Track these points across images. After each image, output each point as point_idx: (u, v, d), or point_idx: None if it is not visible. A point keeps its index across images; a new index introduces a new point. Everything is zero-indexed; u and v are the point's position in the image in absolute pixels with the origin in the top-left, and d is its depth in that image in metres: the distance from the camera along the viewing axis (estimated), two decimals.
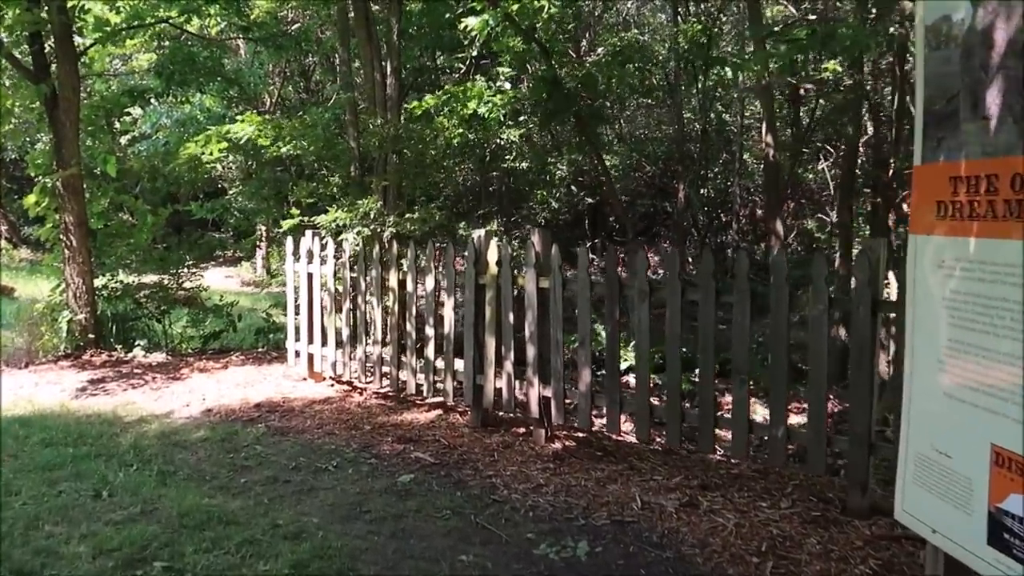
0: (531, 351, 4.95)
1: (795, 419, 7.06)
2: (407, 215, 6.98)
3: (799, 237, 18.66)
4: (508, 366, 5.10)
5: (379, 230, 7.03)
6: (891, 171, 7.11)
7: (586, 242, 16.25)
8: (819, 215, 14.35)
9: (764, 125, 7.96)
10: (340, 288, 6.43)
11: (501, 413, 5.43)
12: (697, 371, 4.45)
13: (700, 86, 14.98)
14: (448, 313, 5.50)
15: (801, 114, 19.05)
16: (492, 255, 5.23)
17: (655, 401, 4.62)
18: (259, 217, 9.85)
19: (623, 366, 8.09)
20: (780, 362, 3.97)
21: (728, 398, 4.81)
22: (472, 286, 5.33)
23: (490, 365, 5.22)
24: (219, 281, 17.01)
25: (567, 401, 4.87)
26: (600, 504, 4.05)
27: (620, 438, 5.10)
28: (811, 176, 16.64)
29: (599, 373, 5.60)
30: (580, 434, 5.17)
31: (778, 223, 7.59)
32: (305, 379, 6.78)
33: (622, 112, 16.22)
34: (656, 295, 4.39)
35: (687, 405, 4.59)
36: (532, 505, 4.06)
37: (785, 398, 3.95)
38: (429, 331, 5.62)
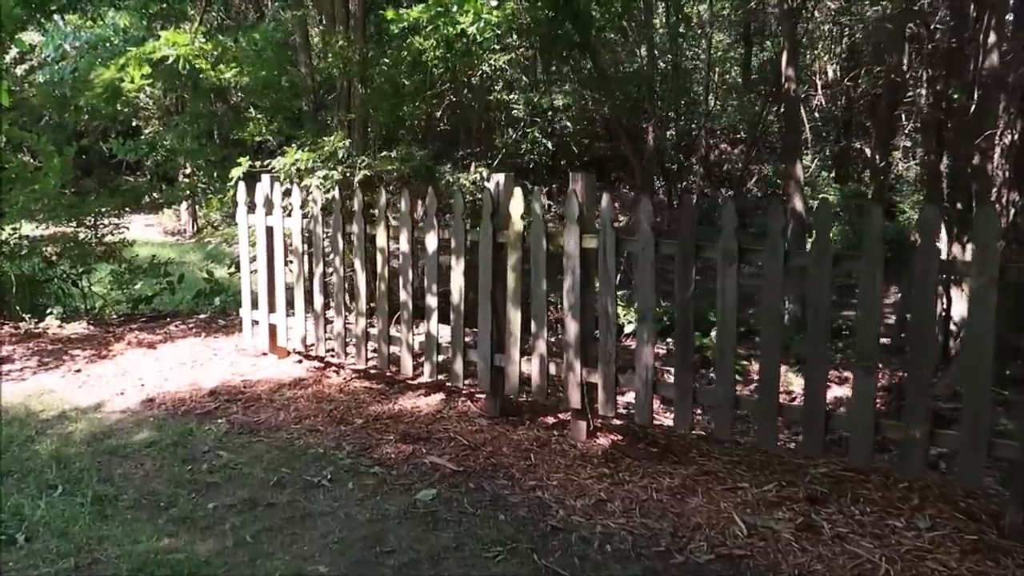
0: (571, 327, 3.97)
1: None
2: (383, 154, 5.79)
3: (759, 183, 18.14)
4: (541, 345, 4.10)
5: (349, 174, 5.84)
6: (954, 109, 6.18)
7: (542, 188, 15.27)
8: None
9: (785, 56, 7.05)
10: (311, 245, 5.27)
11: (522, 398, 4.46)
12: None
13: (666, 20, 14.00)
14: (457, 278, 4.44)
15: (754, 52, 18.31)
16: (516, 207, 4.18)
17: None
18: (192, 159, 8.41)
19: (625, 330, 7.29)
20: (926, 343, 3.12)
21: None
22: (489, 245, 4.27)
23: (515, 343, 4.21)
24: (139, 231, 15.30)
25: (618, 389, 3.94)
26: (690, 528, 3.17)
27: (673, 429, 4.21)
28: (773, 119, 16.02)
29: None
30: (617, 422, 4.27)
31: (798, 167, 6.75)
32: (265, 354, 5.63)
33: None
34: (748, 257, 3.46)
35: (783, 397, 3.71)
36: (604, 533, 3.15)
37: (929, 390, 3.10)
38: (431, 300, 4.56)
